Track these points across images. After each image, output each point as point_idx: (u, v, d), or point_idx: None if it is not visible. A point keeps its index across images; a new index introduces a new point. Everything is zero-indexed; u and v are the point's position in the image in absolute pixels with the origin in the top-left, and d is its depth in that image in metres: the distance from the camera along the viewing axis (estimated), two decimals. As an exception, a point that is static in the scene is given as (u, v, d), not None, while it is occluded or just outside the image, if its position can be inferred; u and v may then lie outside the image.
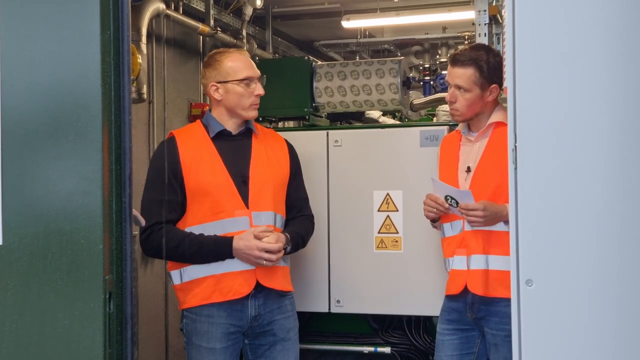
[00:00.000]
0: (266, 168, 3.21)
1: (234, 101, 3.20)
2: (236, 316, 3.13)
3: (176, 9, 5.44)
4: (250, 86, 3.21)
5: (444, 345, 3.21)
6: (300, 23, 7.18)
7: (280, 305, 3.21)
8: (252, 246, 3.04)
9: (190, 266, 3.13)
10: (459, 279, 3.13)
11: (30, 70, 2.37)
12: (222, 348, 3.12)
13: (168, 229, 3.09)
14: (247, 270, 3.10)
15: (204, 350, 3.12)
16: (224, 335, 3.12)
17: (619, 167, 2.10)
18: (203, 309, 3.12)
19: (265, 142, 3.30)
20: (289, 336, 3.24)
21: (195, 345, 3.14)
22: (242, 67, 3.22)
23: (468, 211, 3.00)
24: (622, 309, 2.10)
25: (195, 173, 3.12)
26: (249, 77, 3.21)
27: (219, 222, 3.10)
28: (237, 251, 3.07)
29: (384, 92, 4.05)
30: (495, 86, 3.14)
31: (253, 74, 3.22)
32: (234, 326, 3.14)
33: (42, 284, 2.35)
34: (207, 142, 3.19)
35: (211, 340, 3.11)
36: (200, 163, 3.14)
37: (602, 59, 2.12)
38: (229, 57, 3.23)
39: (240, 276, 3.10)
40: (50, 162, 2.35)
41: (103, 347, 2.30)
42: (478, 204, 2.99)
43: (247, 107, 3.21)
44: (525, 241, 2.16)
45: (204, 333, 3.12)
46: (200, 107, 5.69)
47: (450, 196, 3.07)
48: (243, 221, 3.11)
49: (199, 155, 3.16)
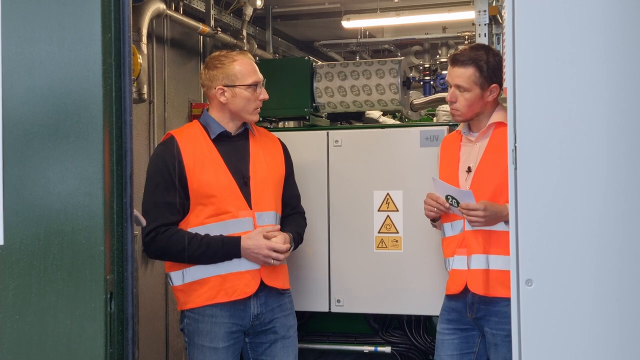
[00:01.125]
0: (264, 168, 3.22)
1: (240, 105, 3.20)
2: (239, 315, 3.14)
3: (176, 9, 5.44)
4: (257, 91, 3.22)
5: (444, 345, 3.21)
6: (301, 23, 7.18)
7: (280, 303, 3.24)
8: (262, 245, 3.07)
9: (193, 267, 3.12)
10: (459, 279, 3.14)
11: (31, 71, 2.37)
12: (224, 347, 3.13)
13: (174, 231, 3.08)
14: (252, 270, 3.12)
15: (207, 350, 3.13)
16: (226, 334, 3.13)
17: (619, 166, 2.11)
18: (206, 309, 3.12)
19: (262, 142, 3.32)
20: (289, 334, 3.27)
21: (197, 345, 3.15)
22: (250, 71, 3.22)
23: (469, 211, 3.01)
24: (621, 308, 2.11)
25: (199, 175, 3.12)
26: (256, 82, 3.21)
27: (223, 223, 3.11)
28: (245, 250, 3.08)
29: (384, 92, 4.05)
30: (495, 86, 3.14)
31: (259, 79, 3.23)
32: (237, 325, 3.15)
33: (43, 284, 2.35)
34: (208, 143, 3.19)
35: (214, 340, 3.12)
36: (204, 165, 3.13)
37: (602, 59, 2.12)
38: (237, 61, 3.21)
39: (245, 276, 3.12)
40: (51, 163, 2.36)
41: (104, 347, 2.31)
42: (479, 204, 3.00)
43: (251, 111, 3.22)
44: (525, 241, 2.16)
45: (207, 333, 3.12)
46: (201, 107, 5.69)
47: (451, 196, 3.07)
48: (247, 222, 3.12)
49: (201, 157, 3.15)
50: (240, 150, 3.23)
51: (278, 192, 3.29)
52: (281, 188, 3.32)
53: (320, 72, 4.11)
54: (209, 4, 5.78)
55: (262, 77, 3.26)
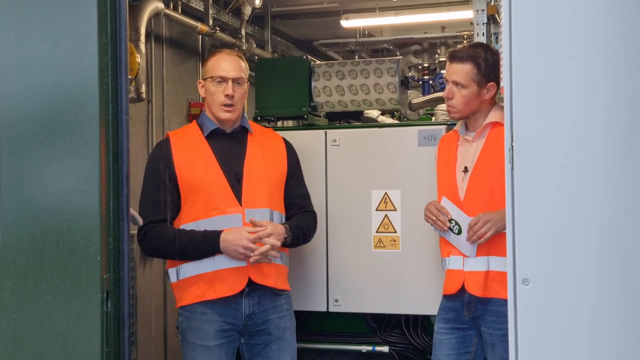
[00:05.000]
0: (261, 166, 3.21)
1: (208, 99, 3.25)
2: (230, 314, 3.14)
3: (175, 8, 5.44)
4: (222, 85, 3.20)
5: (441, 345, 3.21)
6: (299, 22, 7.18)
7: (275, 304, 3.22)
8: (242, 237, 3.04)
9: (185, 264, 3.14)
10: (455, 279, 3.14)
11: (27, 70, 2.37)
12: (216, 345, 3.14)
13: (160, 227, 3.12)
14: (239, 268, 3.11)
15: (198, 348, 3.14)
16: (217, 332, 3.14)
17: (616, 165, 2.10)
18: (197, 306, 3.14)
19: (262, 140, 3.31)
20: (285, 335, 3.24)
21: (189, 342, 3.16)
22: (221, 65, 3.22)
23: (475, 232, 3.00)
24: (618, 307, 2.10)
25: (188, 171, 3.15)
26: (221, 76, 3.20)
27: (211, 220, 3.11)
28: (224, 243, 3.05)
29: (382, 92, 4.05)
30: (492, 84, 3.14)
31: (227, 75, 3.20)
32: (228, 324, 3.15)
33: (39, 283, 2.35)
34: (200, 140, 3.22)
35: (205, 338, 3.13)
36: (193, 161, 3.16)
37: (599, 58, 2.12)
38: (215, 56, 3.26)
39: (232, 273, 3.11)
40: (47, 162, 2.35)
41: (100, 346, 2.31)
42: (477, 217, 3.00)
43: (218, 107, 3.20)
44: (522, 240, 2.16)
45: (198, 330, 3.14)
46: (199, 106, 5.68)
47: (455, 220, 3.08)
48: (235, 218, 3.11)
49: (192, 153, 3.18)
50: (236, 147, 3.24)
51: (276, 191, 3.27)
52: (281, 186, 3.30)
53: (318, 72, 4.11)
54: (207, 3, 5.78)
55: (234, 74, 3.21)
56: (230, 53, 3.30)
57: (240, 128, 3.28)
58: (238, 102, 3.23)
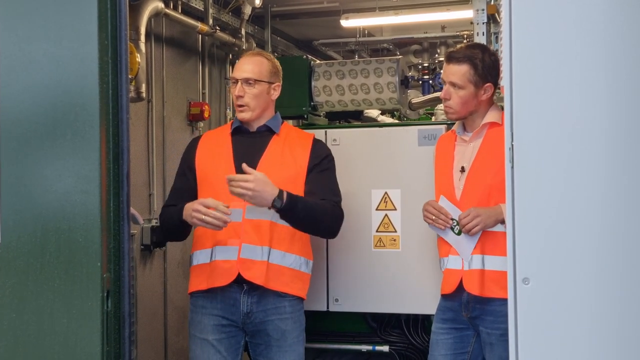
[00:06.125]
0: (276, 165, 3.20)
1: None
2: (228, 310, 3.17)
3: (175, 8, 5.44)
4: (235, 86, 3.27)
5: (438, 345, 3.21)
6: (299, 22, 7.17)
7: (277, 306, 3.18)
8: (196, 201, 3.08)
9: (193, 253, 3.24)
10: (452, 279, 3.14)
11: (28, 69, 2.38)
12: (215, 340, 3.17)
13: (163, 210, 3.31)
14: (232, 261, 3.13)
15: (198, 340, 3.21)
16: (215, 327, 3.17)
17: (616, 165, 2.11)
18: (198, 299, 3.22)
19: (287, 141, 3.29)
20: (285, 338, 3.19)
21: (191, 334, 3.25)
22: (236, 67, 3.33)
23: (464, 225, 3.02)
24: (618, 307, 2.11)
25: (203, 163, 3.25)
26: (234, 78, 3.29)
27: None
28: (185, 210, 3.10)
29: (382, 91, 4.05)
30: (489, 85, 3.14)
31: (236, 76, 3.27)
32: (227, 319, 3.18)
33: (40, 283, 2.35)
34: (225, 137, 3.32)
35: (203, 331, 3.19)
36: (210, 155, 3.26)
37: (599, 57, 2.12)
38: (239, 59, 3.38)
39: (224, 265, 3.14)
40: (48, 161, 2.36)
41: (100, 345, 2.31)
42: (467, 210, 3.02)
43: (235, 106, 3.30)
44: (522, 239, 2.16)
45: (197, 323, 3.21)
46: (199, 106, 5.68)
47: (457, 220, 3.08)
48: (236, 212, 3.12)
49: (214, 148, 3.28)
50: (257, 146, 3.26)
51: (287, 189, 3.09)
52: (295, 185, 3.18)
53: (318, 71, 4.11)
54: (207, 2, 5.77)
55: (242, 75, 3.24)
56: (250, 54, 3.39)
57: (266, 128, 3.29)
58: (250, 102, 3.24)
